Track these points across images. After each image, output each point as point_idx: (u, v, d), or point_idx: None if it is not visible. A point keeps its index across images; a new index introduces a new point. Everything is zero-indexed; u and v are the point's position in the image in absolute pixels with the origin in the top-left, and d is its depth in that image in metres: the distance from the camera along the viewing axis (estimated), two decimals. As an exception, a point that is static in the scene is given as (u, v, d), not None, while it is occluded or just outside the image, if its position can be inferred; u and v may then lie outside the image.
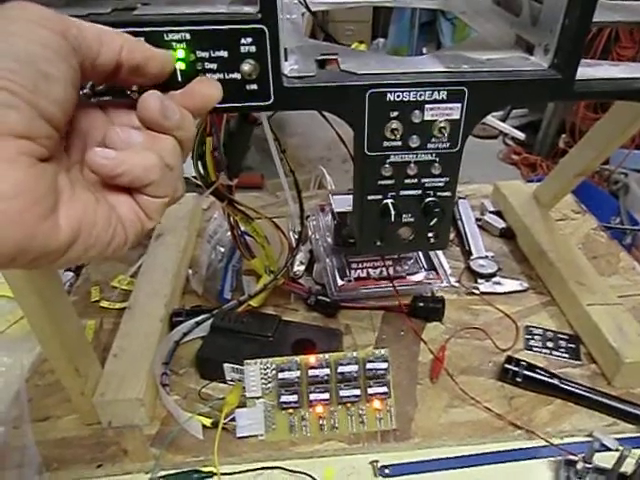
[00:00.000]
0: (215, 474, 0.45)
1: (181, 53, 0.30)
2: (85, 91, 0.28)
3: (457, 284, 0.65)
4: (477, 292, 0.64)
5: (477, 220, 0.76)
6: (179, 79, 0.30)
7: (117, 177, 0.24)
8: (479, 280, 0.66)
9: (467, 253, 0.70)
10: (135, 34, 0.27)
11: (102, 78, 0.26)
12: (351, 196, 0.43)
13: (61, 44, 0.22)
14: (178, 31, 0.29)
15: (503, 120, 2.52)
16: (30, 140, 0.21)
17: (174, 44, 0.30)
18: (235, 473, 0.46)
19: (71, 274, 0.67)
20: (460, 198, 0.79)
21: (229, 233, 0.59)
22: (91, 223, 0.23)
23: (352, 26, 3.08)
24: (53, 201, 0.22)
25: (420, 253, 0.65)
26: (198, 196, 0.75)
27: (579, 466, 0.44)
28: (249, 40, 0.31)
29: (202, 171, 0.48)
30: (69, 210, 0.23)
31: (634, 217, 1.69)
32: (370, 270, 0.63)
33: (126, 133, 0.25)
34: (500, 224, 0.75)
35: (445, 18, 2.61)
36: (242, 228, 0.55)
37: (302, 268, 0.65)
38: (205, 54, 0.31)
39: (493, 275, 0.66)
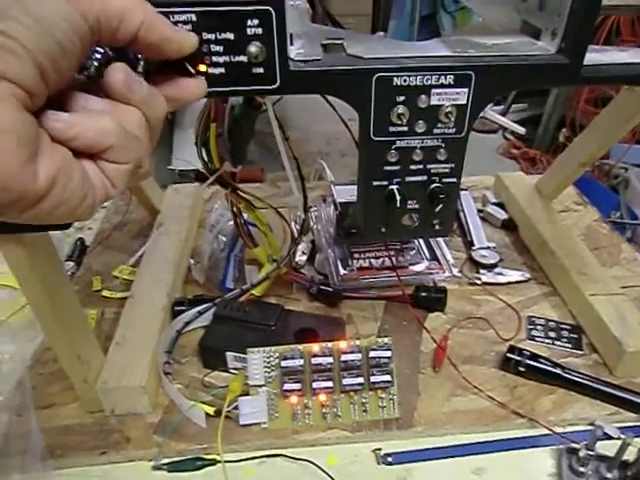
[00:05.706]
0: (218, 461, 0.45)
1: None
2: (90, 71, 0.28)
3: (459, 274, 0.65)
4: (479, 282, 0.64)
5: (479, 211, 0.76)
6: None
7: (70, 141, 0.24)
8: (481, 270, 0.66)
9: (469, 244, 0.70)
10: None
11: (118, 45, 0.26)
12: (353, 187, 0.42)
13: (80, 24, 0.23)
14: (184, 12, 0.29)
15: (503, 114, 2.51)
16: (23, 90, 0.21)
17: (180, 25, 0.30)
18: (238, 461, 0.46)
19: (72, 264, 0.67)
20: (462, 189, 0.79)
21: (231, 223, 0.59)
22: (68, 176, 0.24)
23: (351, 19, 3.06)
24: (34, 148, 0.22)
25: (422, 243, 0.65)
26: (199, 186, 0.75)
27: (581, 454, 0.44)
28: (255, 22, 0.30)
29: (206, 158, 0.48)
30: (48, 160, 0.23)
31: (634, 211, 1.69)
32: (372, 260, 0.63)
33: (84, 98, 0.26)
34: (502, 215, 0.75)
35: (445, 11, 2.59)
36: (245, 216, 0.55)
37: (304, 258, 0.65)
38: (211, 36, 0.30)
39: (495, 266, 0.66)
